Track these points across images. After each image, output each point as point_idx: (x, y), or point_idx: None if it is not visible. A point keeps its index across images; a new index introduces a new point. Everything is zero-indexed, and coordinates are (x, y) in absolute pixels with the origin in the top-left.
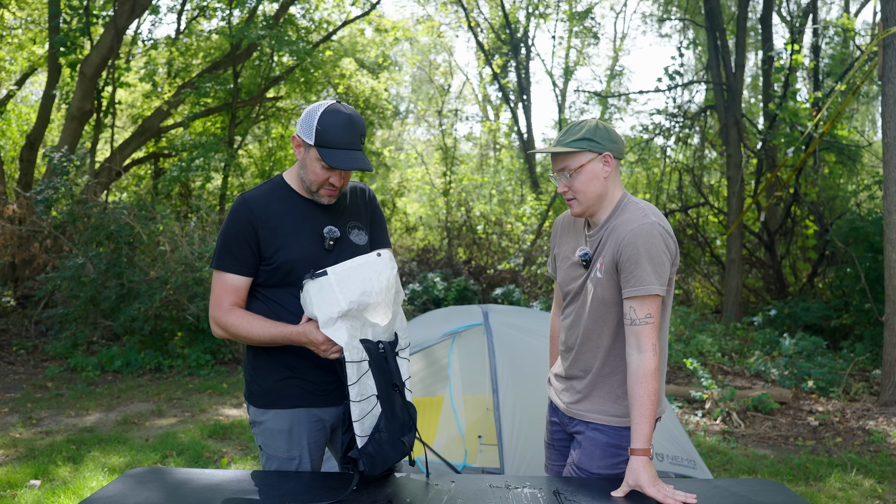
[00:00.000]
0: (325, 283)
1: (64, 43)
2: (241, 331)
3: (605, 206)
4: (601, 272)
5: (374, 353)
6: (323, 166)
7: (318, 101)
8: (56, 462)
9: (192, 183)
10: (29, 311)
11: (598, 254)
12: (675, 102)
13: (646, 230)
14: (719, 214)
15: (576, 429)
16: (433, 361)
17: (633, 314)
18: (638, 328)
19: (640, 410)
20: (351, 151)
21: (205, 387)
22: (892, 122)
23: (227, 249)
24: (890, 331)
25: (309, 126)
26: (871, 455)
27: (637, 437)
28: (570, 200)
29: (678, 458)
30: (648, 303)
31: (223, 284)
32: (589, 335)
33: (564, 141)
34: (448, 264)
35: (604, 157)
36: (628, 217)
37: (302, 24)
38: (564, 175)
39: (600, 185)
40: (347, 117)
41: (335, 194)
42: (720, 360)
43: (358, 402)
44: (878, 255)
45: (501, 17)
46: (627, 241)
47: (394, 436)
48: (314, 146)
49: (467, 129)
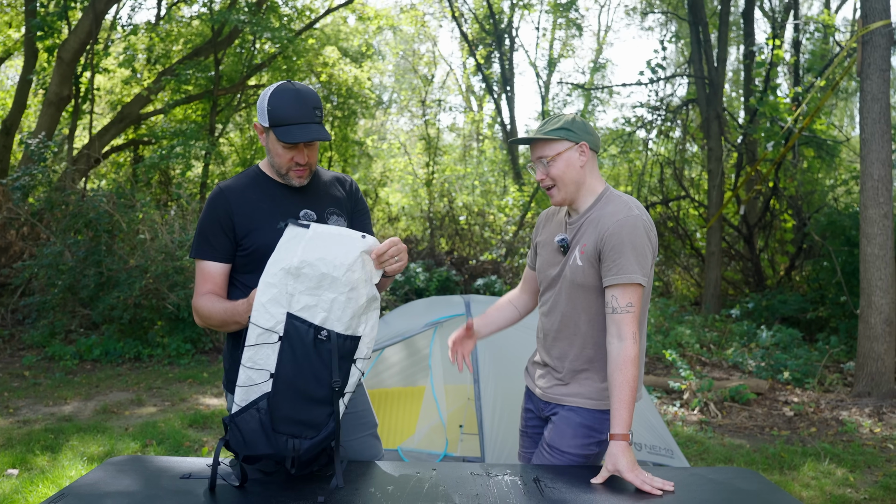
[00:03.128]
0: (300, 234)
1: (41, 27)
2: (204, 313)
3: (584, 195)
4: (581, 259)
5: (296, 332)
6: (283, 146)
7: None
8: (34, 451)
9: (173, 171)
10: (5, 299)
11: (577, 241)
12: (657, 96)
13: (630, 221)
14: (700, 207)
15: (551, 412)
16: (415, 351)
17: (615, 302)
18: (619, 316)
19: (620, 396)
20: (304, 125)
21: (185, 376)
22: (869, 117)
23: (203, 238)
24: (864, 323)
25: (262, 109)
26: (843, 445)
27: (616, 422)
28: (549, 189)
29: (656, 448)
30: (630, 291)
31: (201, 272)
32: (566, 322)
33: (542, 130)
34: (430, 255)
35: (580, 147)
36: (613, 209)
37: (284, 11)
38: (542, 163)
39: (577, 174)
40: (295, 92)
41: (304, 174)
42: (698, 351)
43: (247, 368)
44: (854, 249)
45: (486, 8)
46: (612, 230)
47: (278, 427)
48: (270, 128)
49: (450, 120)
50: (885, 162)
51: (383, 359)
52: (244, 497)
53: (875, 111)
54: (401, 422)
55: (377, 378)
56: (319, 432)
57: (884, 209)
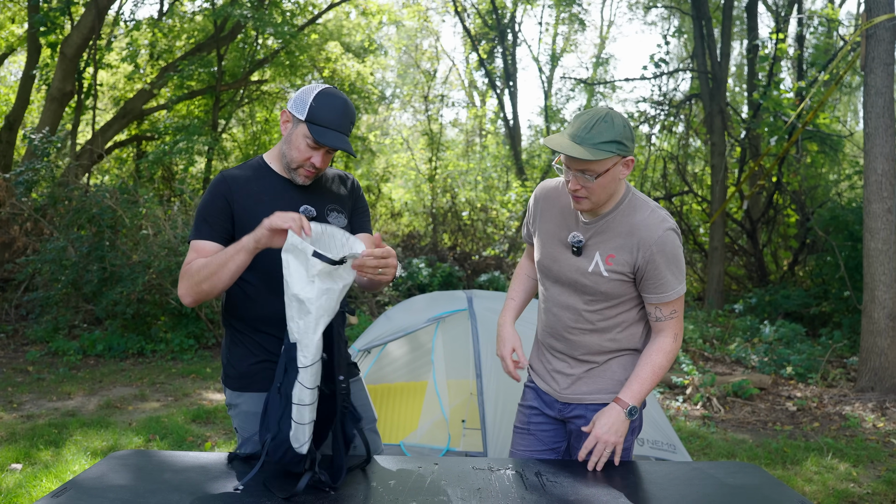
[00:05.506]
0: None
1: (44, 22)
2: (195, 268)
3: (610, 200)
4: (607, 271)
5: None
6: (308, 143)
7: (311, 84)
8: (38, 446)
9: (176, 166)
10: (9, 294)
11: (597, 246)
12: (660, 90)
13: (671, 239)
14: (703, 202)
15: (574, 413)
16: (417, 346)
17: (659, 313)
18: (663, 323)
19: (640, 374)
20: (338, 133)
21: (188, 371)
22: (873, 112)
23: (203, 219)
24: (867, 318)
25: (303, 102)
26: (846, 440)
27: (627, 390)
28: (579, 198)
29: (658, 443)
30: (674, 303)
31: (195, 250)
32: (585, 322)
33: (592, 141)
34: (433, 250)
35: (626, 161)
36: (645, 220)
37: (287, 6)
38: (585, 176)
39: (615, 187)
40: (343, 101)
41: (312, 176)
42: (701, 346)
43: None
44: (858, 244)
45: (488, 2)
46: (656, 249)
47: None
48: (304, 122)
49: (453, 115)
50: (888, 156)
51: (386, 354)
52: (252, 496)
53: (879, 105)
54: (403, 417)
55: (380, 373)
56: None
57: (887, 204)
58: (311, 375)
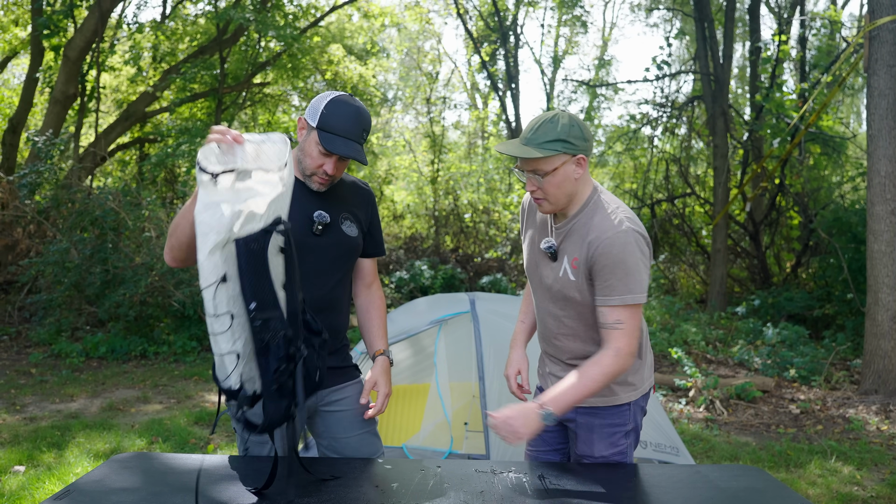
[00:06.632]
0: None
1: (47, 25)
2: (171, 227)
3: (574, 202)
4: (574, 274)
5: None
6: (320, 151)
7: (327, 91)
8: (41, 448)
9: (178, 169)
10: (12, 296)
11: (565, 249)
12: (662, 92)
13: (620, 239)
14: (705, 205)
15: (567, 416)
16: (420, 349)
17: (603, 318)
18: (606, 331)
19: (568, 380)
20: (349, 141)
21: (190, 373)
22: (876, 113)
23: None
24: (871, 321)
25: (315, 109)
26: (850, 442)
27: (549, 392)
28: (538, 200)
29: (661, 445)
30: (619, 310)
31: None
32: (565, 327)
33: (537, 141)
34: (435, 252)
35: (577, 159)
36: (600, 221)
37: (289, 9)
38: (536, 177)
39: (572, 186)
40: (355, 109)
41: (326, 183)
42: (704, 348)
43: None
44: (861, 246)
45: (490, 5)
46: (602, 250)
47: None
48: (315, 129)
49: (455, 117)
50: (892, 158)
51: None
52: (258, 496)
53: (882, 107)
54: (405, 419)
55: None
56: None
57: (891, 206)
58: (210, 300)
